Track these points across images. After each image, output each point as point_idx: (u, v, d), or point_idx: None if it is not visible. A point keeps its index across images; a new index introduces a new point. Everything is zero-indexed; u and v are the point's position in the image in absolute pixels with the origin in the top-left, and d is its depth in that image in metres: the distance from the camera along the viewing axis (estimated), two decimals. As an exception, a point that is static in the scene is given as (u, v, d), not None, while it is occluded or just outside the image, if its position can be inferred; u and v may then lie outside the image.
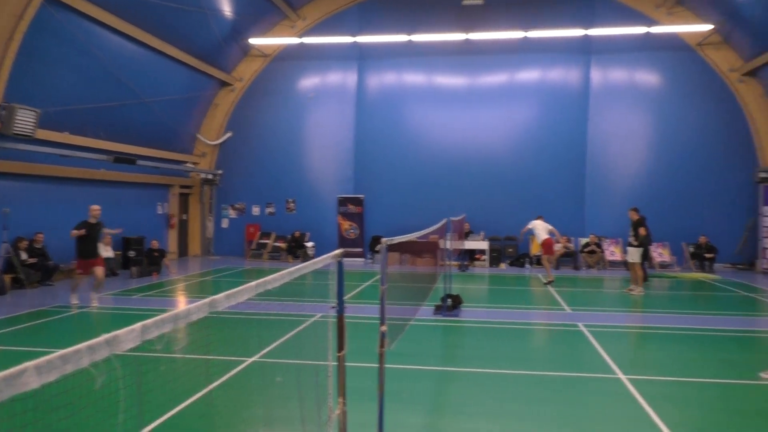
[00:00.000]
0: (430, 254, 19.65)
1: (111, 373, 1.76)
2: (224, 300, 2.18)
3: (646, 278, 15.52)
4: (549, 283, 15.03)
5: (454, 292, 11.74)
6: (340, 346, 3.76)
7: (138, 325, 1.71)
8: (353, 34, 20.37)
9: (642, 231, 13.79)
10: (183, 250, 21.85)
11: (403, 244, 20.40)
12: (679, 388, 6.72)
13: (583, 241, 19.54)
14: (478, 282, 16.22)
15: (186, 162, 21.28)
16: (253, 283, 2.49)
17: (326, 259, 3.58)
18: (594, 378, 7.06)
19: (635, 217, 14.11)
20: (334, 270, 3.75)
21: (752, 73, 18.87)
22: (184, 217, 22.02)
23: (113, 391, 2.03)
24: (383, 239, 4.43)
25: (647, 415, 5.71)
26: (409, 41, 20.19)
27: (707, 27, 18.44)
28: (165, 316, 1.83)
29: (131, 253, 16.74)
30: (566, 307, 11.92)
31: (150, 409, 4.87)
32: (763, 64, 17.88)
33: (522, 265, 19.44)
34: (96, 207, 11.54)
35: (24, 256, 13.86)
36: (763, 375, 6.98)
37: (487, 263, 19.53)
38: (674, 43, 19.61)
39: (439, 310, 11.03)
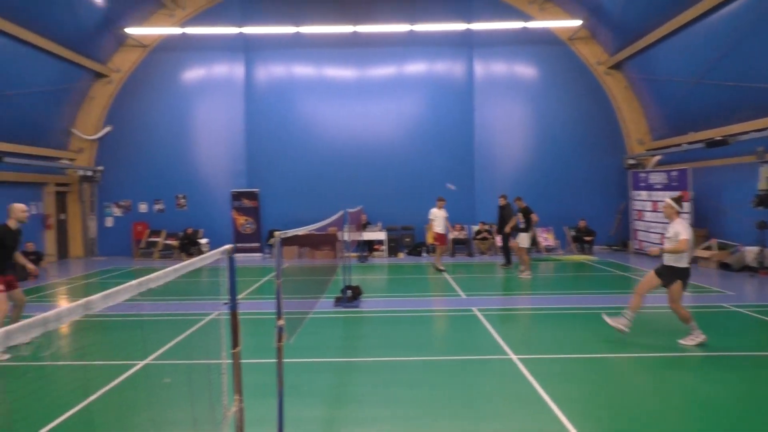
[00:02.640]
0: (329, 246, 19.63)
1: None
2: (101, 301, 2.02)
3: (510, 262, 16.40)
4: (440, 271, 15.54)
5: (353, 284, 11.79)
6: (235, 343, 3.64)
7: (0, 330, 1.54)
8: (238, 25, 19.80)
9: (534, 217, 14.65)
10: (63, 252, 20.36)
11: (301, 237, 20.18)
12: (565, 365, 7.14)
13: (476, 228, 20.29)
14: (377, 272, 16.39)
15: (61, 158, 19.82)
16: (135, 281, 2.33)
17: (215, 254, 3.45)
18: (487, 360, 7.35)
19: (522, 204, 15.00)
20: (225, 266, 3.62)
21: (617, 66, 20.43)
22: (63, 216, 20.51)
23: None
24: (276, 233, 4.34)
25: (536, 392, 6.04)
26: (297, 33, 19.94)
27: (576, 23, 19.69)
28: (33, 320, 1.67)
29: None
30: (461, 293, 12.33)
31: (23, 426, 4.49)
32: (625, 58, 19.39)
33: (419, 254, 19.87)
34: (23, 207, 8.49)
35: None
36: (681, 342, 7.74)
37: (385, 253, 19.78)
38: (548, 37, 20.78)
39: (339, 301, 11.04)
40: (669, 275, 7.66)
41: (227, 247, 3.59)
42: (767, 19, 12.84)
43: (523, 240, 14.73)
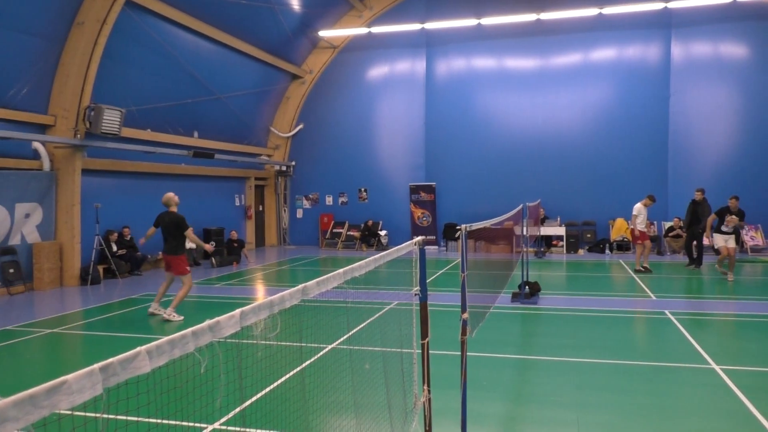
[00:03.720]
0: (505, 241, 19.34)
1: (213, 358, 1.80)
2: (315, 287, 2.20)
3: (697, 262, 14.73)
4: (645, 270, 14.40)
5: (531, 279, 11.51)
6: (424, 334, 3.73)
7: (237, 311, 1.74)
8: (421, 21, 20.20)
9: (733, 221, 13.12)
10: (260, 240, 22.48)
11: (477, 230, 20.16)
12: (781, 379, 6.30)
13: (667, 225, 18.68)
14: (555, 269, 15.82)
15: (260, 155, 21.83)
16: (341, 270, 2.49)
17: (408, 246, 3.56)
18: (685, 368, 6.73)
19: (736, 205, 13.41)
20: (415, 257, 3.73)
21: None
22: (260, 208, 22.63)
23: (216, 375, 2.08)
24: (462, 225, 4.35)
25: (747, 410, 5.38)
26: (478, 25, 19.80)
27: (803, -8, 17.05)
28: (261, 303, 1.86)
29: (212, 244, 17.31)
30: (651, 294, 11.44)
31: (251, 388, 5.04)
32: None
33: (602, 251, 18.80)
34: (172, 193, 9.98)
35: (114, 247, 14.67)
36: None
37: (564, 249, 19.01)
38: (763, 10, 18.27)
39: (516, 297, 10.84)
40: None
41: (418, 239, 3.69)
42: None
43: (731, 241, 13.19)
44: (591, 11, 18.58)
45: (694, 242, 15.13)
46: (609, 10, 18.51)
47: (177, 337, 1.46)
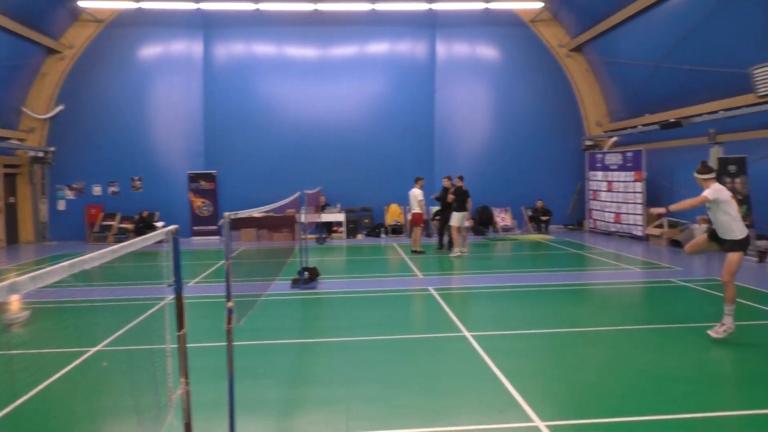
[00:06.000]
0: (288, 228, 19.51)
1: None
2: (29, 282, 1.95)
3: (451, 244, 16.39)
4: (419, 252, 15.47)
5: (311, 265, 11.77)
6: (180, 325, 3.60)
7: None
8: (196, 0, 19.30)
9: (450, 198, 15.10)
10: (12, 237, 19.71)
11: (260, 219, 19.89)
12: (514, 340, 7.31)
13: (434, 209, 20.42)
14: (335, 254, 16.39)
15: (10, 138, 19.09)
16: (67, 263, 2.27)
17: (158, 235, 3.39)
18: (442, 337, 7.47)
19: (459, 183, 15.28)
20: (169, 247, 3.57)
21: (578, 49, 20.69)
22: (12, 200, 19.82)
23: None
24: (226, 213, 4.29)
25: (488, 367, 6.17)
26: (257, 10, 19.56)
27: (537, 5, 19.77)
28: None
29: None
30: (418, 273, 12.44)
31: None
32: (586, 41, 19.64)
33: (378, 235, 19.93)
34: None
35: None
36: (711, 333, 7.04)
37: (344, 235, 19.77)
38: (510, 19, 20.87)
39: (296, 283, 11.02)
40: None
41: (171, 227, 3.54)
42: (725, 4, 13.19)
43: (455, 219, 14.97)
44: (365, 5, 19.48)
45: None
46: (381, 6, 19.57)
47: None
